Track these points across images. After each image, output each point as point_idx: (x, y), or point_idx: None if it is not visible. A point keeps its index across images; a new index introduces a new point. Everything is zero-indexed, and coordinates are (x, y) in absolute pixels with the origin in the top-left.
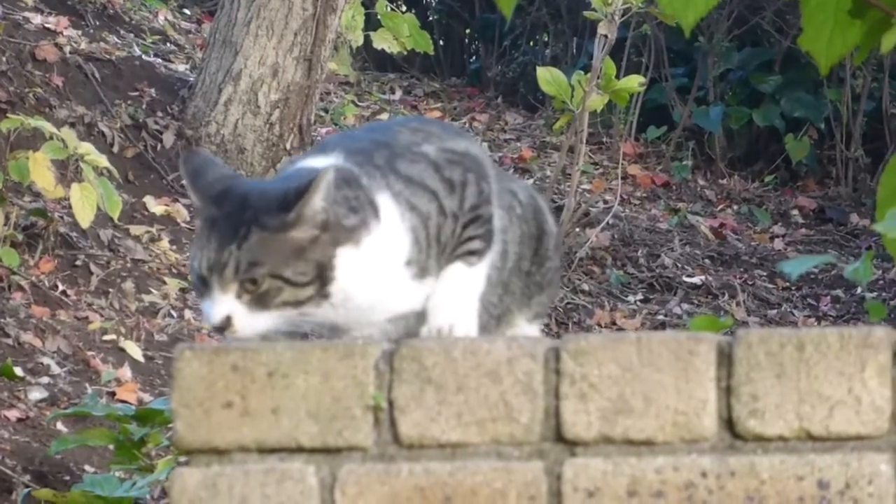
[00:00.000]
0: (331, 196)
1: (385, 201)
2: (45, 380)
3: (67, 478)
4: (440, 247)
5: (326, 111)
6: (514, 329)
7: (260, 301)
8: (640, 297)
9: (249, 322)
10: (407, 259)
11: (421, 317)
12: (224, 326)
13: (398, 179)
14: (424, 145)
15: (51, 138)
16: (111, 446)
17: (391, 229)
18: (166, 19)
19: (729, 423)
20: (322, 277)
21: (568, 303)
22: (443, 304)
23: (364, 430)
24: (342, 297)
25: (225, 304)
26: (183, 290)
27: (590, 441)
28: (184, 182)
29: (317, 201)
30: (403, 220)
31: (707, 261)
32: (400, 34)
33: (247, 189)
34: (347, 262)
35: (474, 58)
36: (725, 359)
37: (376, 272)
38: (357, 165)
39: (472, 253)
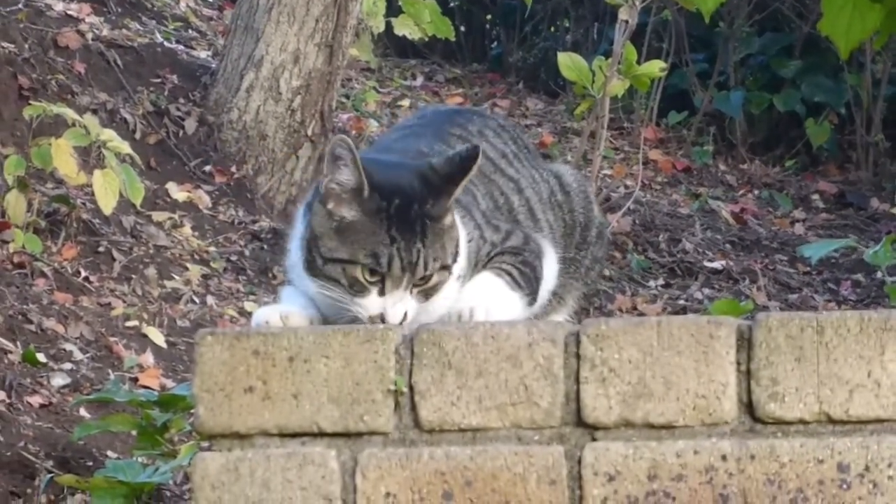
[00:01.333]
0: None
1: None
2: (68, 366)
3: (90, 463)
4: (473, 263)
5: (348, 97)
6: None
7: (425, 294)
8: (661, 282)
9: (415, 314)
10: (459, 274)
11: None
12: (400, 323)
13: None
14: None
15: (73, 125)
16: (134, 432)
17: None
18: (188, 6)
19: (749, 407)
20: (456, 253)
21: None
22: (465, 292)
23: (385, 415)
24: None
25: (404, 301)
26: (205, 276)
27: (610, 425)
28: (343, 167)
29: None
30: (463, 225)
31: (728, 246)
32: (421, 20)
33: (402, 178)
34: (461, 233)
35: (495, 43)
36: (745, 342)
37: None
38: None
39: (503, 270)
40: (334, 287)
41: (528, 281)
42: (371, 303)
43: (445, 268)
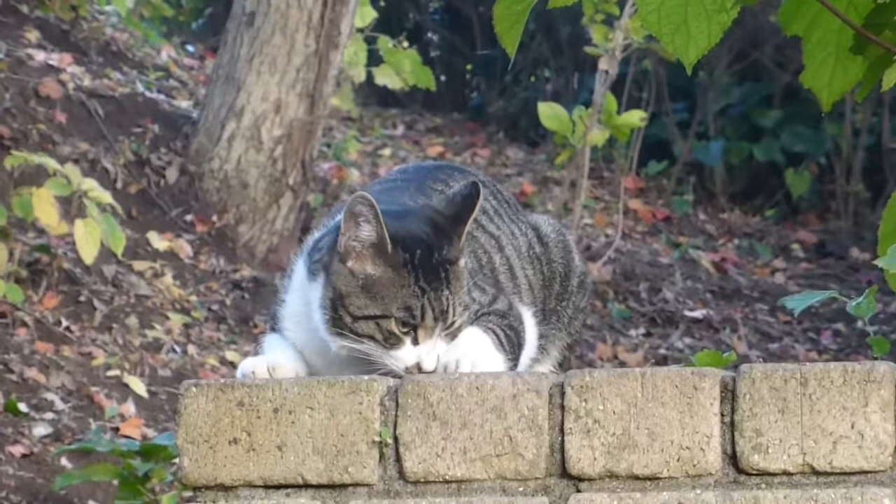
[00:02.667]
0: None
1: None
2: (50, 415)
3: None
4: None
5: (329, 146)
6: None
7: (451, 335)
8: (641, 331)
9: (443, 357)
10: None
11: None
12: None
13: None
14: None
15: (54, 175)
16: (115, 482)
17: None
18: (169, 56)
19: (733, 458)
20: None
21: None
22: (451, 345)
23: (370, 466)
24: None
25: (437, 347)
26: (186, 325)
27: (594, 476)
28: (364, 223)
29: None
30: None
31: (708, 295)
32: (402, 70)
33: (416, 227)
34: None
35: (476, 93)
36: (729, 394)
37: None
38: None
39: (489, 329)
40: (366, 342)
41: (511, 345)
42: (406, 354)
43: (466, 308)
